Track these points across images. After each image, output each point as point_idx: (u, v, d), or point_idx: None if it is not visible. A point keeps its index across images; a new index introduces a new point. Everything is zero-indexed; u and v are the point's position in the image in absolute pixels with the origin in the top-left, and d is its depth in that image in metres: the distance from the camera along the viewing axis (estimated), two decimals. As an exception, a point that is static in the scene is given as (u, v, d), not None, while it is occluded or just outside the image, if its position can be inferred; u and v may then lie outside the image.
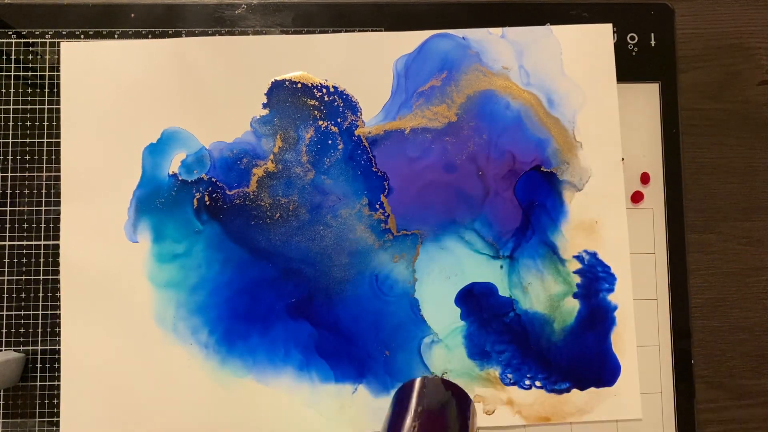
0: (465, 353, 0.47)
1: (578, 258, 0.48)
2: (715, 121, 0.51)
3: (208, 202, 0.47)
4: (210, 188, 0.48)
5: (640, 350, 0.48)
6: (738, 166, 0.51)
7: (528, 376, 0.47)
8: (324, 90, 0.48)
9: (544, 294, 0.48)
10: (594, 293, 0.48)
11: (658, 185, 0.50)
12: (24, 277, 0.47)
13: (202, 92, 0.48)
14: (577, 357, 0.47)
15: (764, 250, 0.50)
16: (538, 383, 0.47)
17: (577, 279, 0.48)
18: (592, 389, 0.47)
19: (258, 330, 0.47)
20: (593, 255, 0.48)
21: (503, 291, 0.48)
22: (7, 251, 0.47)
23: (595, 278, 0.48)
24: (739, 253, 0.50)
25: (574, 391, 0.47)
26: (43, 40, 0.49)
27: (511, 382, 0.47)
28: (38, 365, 0.47)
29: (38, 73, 0.48)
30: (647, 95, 0.50)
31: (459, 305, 0.47)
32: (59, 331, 0.47)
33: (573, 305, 0.48)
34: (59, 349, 0.46)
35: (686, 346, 0.49)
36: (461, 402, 0.37)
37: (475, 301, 0.48)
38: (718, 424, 0.49)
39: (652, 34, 0.51)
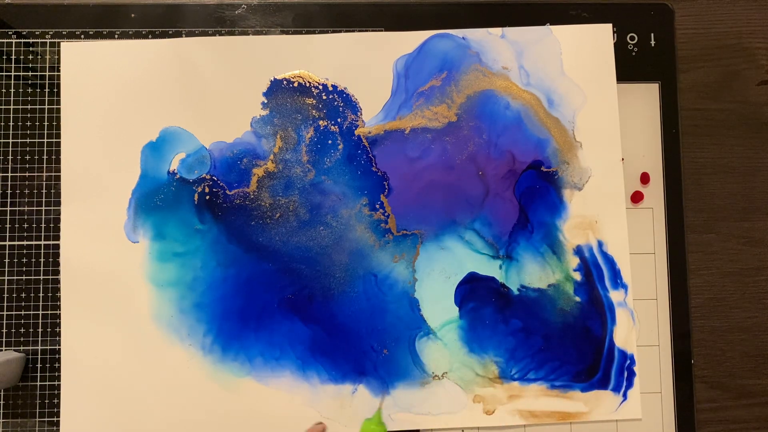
0: (465, 351, 0.47)
1: (579, 255, 0.48)
2: (715, 121, 0.51)
3: (208, 198, 0.47)
4: (210, 187, 0.48)
5: (640, 350, 0.48)
6: (738, 166, 0.51)
7: (528, 373, 0.47)
8: (324, 89, 0.48)
9: (545, 293, 0.48)
10: (594, 291, 0.48)
11: (658, 185, 0.50)
12: (24, 277, 0.47)
13: (202, 92, 0.48)
14: (578, 354, 0.47)
15: (764, 250, 0.50)
16: (538, 381, 0.47)
17: (577, 276, 0.48)
18: (594, 391, 0.47)
19: (258, 330, 0.47)
20: (597, 248, 0.48)
21: (503, 291, 0.48)
22: (7, 251, 0.47)
23: (596, 276, 0.48)
24: (739, 253, 0.50)
25: (576, 392, 0.47)
26: (43, 40, 0.49)
27: (512, 378, 0.47)
28: (38, 365, 0.47)
29: (38, 73, 0.48)
30: (647, 95, 0.50)
31: (458, 301, 0.47)
32: (59, 331, 0.47)
33: (574, 303, 0.48)
34: (59, 349, 0.46)
35: (686, 346, 0.49)
36: None
37: (475, 297, 0.48)
38: (718, 424, 0.49)
39: (652, 34, 0.51)
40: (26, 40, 0.49)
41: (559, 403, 0.47)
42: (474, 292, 0.48)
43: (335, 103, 0.48)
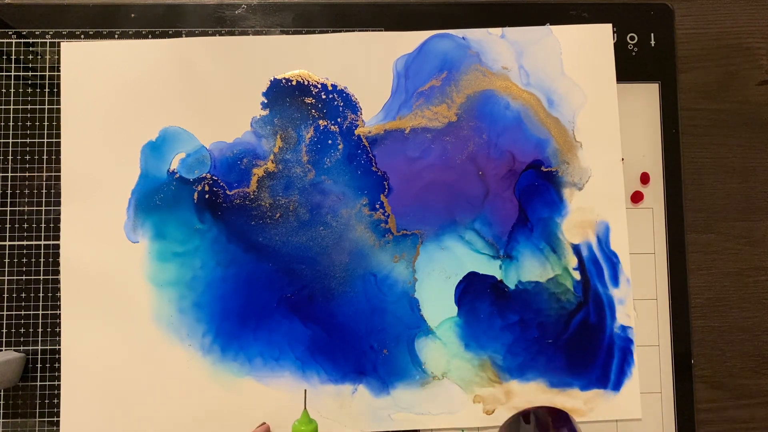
0: (463, 350, 0.47)
1: (579, 254, 0.48)
2: (715, 121, 0.51)
3: (208, 198, 0.47)
4: (210, 187, 0.48)
5: (640, 350, 0.48)
6: (738, 166, 0.51)
7: (526, 370, 0.47)
8: (324, 89, 0.48)
9: (544, 292, 0.48)
10: (594, 289, 0.48)
11: (658, 185, 0.50)
12: (24, 277, 0.47)
13: (202, 92, 0.48)
14: (576, 352, 0.47)
15: (764, 250, 0.50)
16: (537, 378, 0.47)
17: (576, 275, 0.48)
18: (593, 390, 0.47)
19: (258, 330, 0.47)
20: (597, 246, 0.48)
21: (503, 289, 0.48)
22: (7, 251, 0.47)
23: (596, 274, 0.48)
24: (739, 253, 0.50)
25: (575, 390, 0.47)
26: (43, 40, 0.49)
27: (510, 375, 0.47)
28: (38, 365, 0.47)
29: (38, 73, 0.48)
30: (647, 95, 0.50)
31: (458, 301, 0.47)
32: (59, 331, 0.47)
33: (573, 301, 0.48)
34: (59, 349, 0.46)
35: (686, 346, 0.49)
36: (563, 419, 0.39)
37: (473, 295, 0.48)
38: (718, 424, 0.49)
39: (652, 34, 0.51)
40: (26, 40, 0.49)
41: (558, 401, 0.47)
42: (472, 290, 0.48)
43: (335, 103, 0.48)
